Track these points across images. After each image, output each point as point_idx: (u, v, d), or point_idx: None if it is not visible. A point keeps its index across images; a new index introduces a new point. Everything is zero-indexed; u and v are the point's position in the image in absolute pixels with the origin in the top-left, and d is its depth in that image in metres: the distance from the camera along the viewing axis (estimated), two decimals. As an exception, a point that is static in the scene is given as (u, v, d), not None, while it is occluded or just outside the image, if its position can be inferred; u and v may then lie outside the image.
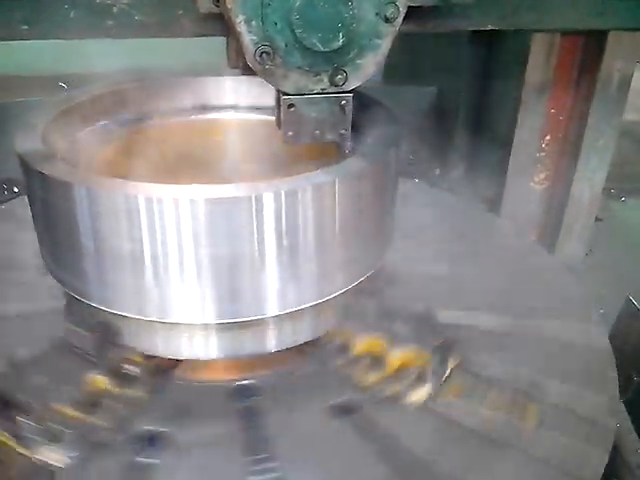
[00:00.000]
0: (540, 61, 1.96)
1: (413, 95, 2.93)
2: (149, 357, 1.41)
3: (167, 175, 1.52)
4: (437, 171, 2.73)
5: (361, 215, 1.33)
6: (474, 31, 1.98)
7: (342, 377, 1.43)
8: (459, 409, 1.36)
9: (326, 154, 1.49)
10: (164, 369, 1.44)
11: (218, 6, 1.34)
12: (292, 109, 1.31)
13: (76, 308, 1.44)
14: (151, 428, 1.32)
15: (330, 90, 1.31)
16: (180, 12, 1.56)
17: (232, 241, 1.20)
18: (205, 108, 1.76)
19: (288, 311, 1.31)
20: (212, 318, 1.28)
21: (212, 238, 1.19)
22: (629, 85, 2.00)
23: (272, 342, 1.38)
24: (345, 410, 1.37)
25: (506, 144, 2.15)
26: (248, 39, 1.20)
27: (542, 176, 2.26)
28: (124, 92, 1.64)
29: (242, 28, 1.19)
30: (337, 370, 1.45)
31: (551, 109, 2.08)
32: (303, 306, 1.32)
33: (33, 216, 1.38)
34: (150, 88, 1.70)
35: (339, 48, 1.23)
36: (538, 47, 1.94)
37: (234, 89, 1.77)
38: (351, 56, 1.27)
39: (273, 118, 1.42)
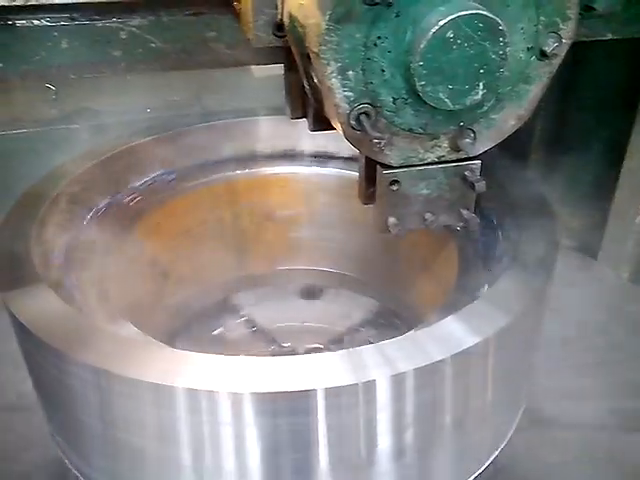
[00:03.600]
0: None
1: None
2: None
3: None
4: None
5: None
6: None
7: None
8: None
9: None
10: None
11: (281, 37, 0.92)
12: (395, 187, 0.91)
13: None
14: None
15: (450, 157, 0.90)
16: (211, 34, 1.14)
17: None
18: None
19: None
20: None
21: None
22: None
23: None
24: None
25: (611, 169, 1.74)
26: (341, 96, 0.79)
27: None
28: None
29: (333, 81, 0.77)
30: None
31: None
32: None
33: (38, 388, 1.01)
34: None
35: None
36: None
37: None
38: (485, 110, 0.86)
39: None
